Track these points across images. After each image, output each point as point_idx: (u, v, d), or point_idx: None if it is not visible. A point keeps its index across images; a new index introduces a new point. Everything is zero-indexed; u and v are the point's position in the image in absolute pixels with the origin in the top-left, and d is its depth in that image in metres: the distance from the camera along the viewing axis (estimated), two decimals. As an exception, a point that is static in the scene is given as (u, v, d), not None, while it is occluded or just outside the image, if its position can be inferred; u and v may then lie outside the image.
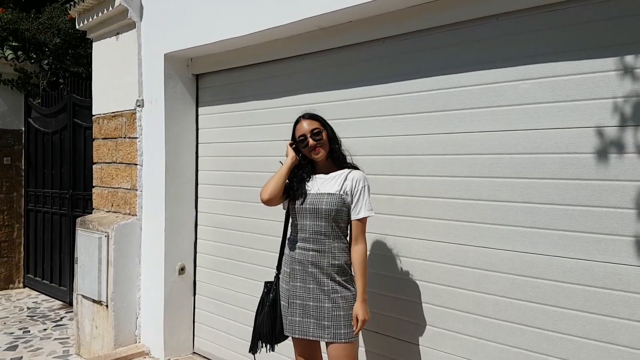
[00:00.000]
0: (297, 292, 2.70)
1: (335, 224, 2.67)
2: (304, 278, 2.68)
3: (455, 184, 2.84)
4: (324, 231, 2.66)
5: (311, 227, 2.68)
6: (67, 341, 5.24)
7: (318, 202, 2.67)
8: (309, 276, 2.67)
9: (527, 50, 2.58)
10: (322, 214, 2.65)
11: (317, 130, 2.71)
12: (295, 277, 2.72)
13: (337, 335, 2.60)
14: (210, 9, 3.90)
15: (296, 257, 2.71)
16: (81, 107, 6.21)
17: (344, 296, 2.63)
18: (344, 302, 2.63)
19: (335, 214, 2.65)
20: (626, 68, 2.28)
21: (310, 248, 2.67)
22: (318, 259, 2.66)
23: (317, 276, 2.65)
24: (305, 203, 2.70)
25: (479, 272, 2.74)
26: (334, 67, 3.46)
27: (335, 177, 2.73)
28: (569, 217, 2.44)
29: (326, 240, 2.66)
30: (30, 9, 7.89)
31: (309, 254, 2.67)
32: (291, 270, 2.74)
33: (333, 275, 2.64)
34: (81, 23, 5.16)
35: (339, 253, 2.67)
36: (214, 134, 4.42)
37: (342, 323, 2.61)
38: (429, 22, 2.91)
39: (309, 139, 2.69)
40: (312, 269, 2.66)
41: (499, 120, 2.67)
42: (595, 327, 2.36)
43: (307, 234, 2.69)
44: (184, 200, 4.50)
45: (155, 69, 4.44)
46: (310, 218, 2.68)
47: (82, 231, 4.91)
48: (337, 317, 2.61)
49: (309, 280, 2.67)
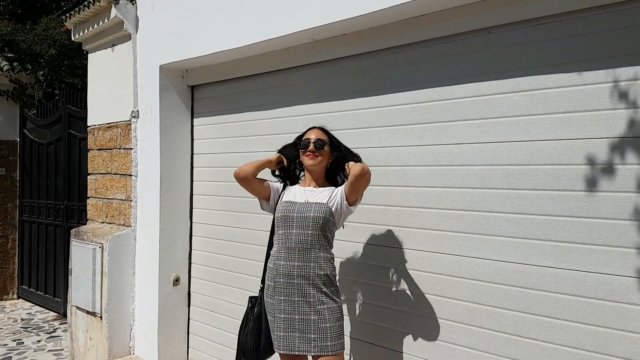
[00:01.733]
0: (281, 306, 2.65)
1: (322, 234, 2.66)
2: (288, 291, 2.64)
3: (448, 194, 2.85)
4: (310, 240, 2.64)
5: (298, 236, 2.66)
6: (61, 353, 5.21)
7: (306, 210, 2.67)
8: (294, 288, 2.63)
9: (519, 62, 2.60)
10: (309, 222, 2.64)
11: (322, 141, 2.76)
12: (278, 290, 2.66)
13: (324, 347, 2.57)
14: (206, 20, 3.93)
15: (281, 269, 2.66)
16: (76, 118, 6.22)
17: (329, 307, 2.61)
18: (330, 314, 2.60)
19: (322, 223, 2.64)
20: (617, 80, 2.31)
21: (296, 258, 2.64)
22: (304, 269, 2.63)
23: (303, 287, 2.61)
24: (293, 212, 2.70)
25: (472, 282, 2.75)
26: (328, 79, 3.48)
27: (325, 190, 2.76)
28: (561, 228, 2.45)
29: (312, 250, 2.64)
30: (26, 20, 7.92)
31: (295, 264, 2.64)
32: (275, 283, 2.68)
33: (319, 285, 2.61)
34: (77, 34, 5.18)
35: (324, 263, 2.65)
36: (209, 145, 4.43)
37: (329, 335, 2.58)
38: (421, 35, 2.94)
39: (311, 143, 2.74)
40: (297, 280, 2.62)
41: (491, 131, 2.69)
42: (589, 338, 2.36)
43: (292, 244, 2.66)
44: (179, 211, 4.50)
45: (150, 80, 4.46)
46: (297, 227, 2.67)
47: (76, 242, 4.90)
48: (323, 330, 2.58)
49: (293, 292, 2.63)
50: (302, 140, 2.80)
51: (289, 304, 2.64)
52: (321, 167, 2.80)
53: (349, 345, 3.28)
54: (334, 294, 2.66)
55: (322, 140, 2.76)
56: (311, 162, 2.75)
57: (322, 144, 2.75)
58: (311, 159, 2.75)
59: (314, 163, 2.75)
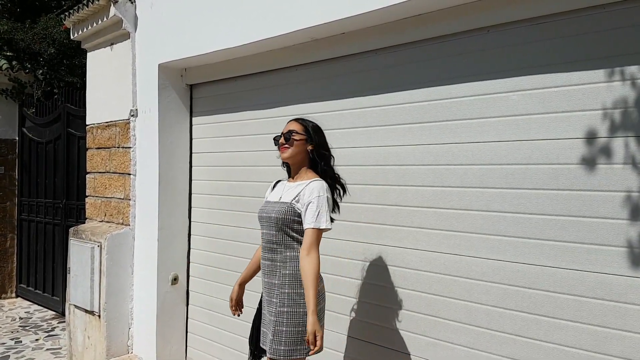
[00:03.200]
0: (263, 302, 2.73)
1: (285, 233, 2.60)
2: (265, 288, 2.69)
3: (447, 194, 2.85)
4: (274, 240, 2.62)
5: (265, 235, 2.67)
6: (59, 352, 5.21)
7: (270, 210, 2.65)
8: (265, 286, 2.68)
9: (517, 62, 2.60)
10: (272, 222, 2.62)
11: (291, 132, 2.67)
12: (263, 286, 2.72)
13: (276, 351, 2.51)
14: (205, 19, 3.92)
15: (262, 267, 2.72)
16: (75, 116, 6.21)
17: (290, 312, 2.52)
18: (289, 319, 2.52)
19: (282, 223, 2.59)
20: (615, 79, 2.31)
21: (266, 257, 2.67)
22: (271, 268, 2.63)
23: (271, 287, 2.63)
24: (262, 211, 2.71)
25: (470, 281, 2.75)
26: (326, 78, 3.48)
27: (299, 185, 2.66)
28: (560, 227, 2.45)
29: (278, 249, 2.62)
30: (25, 19, 7.90)
31: (265, 263, 2.68)
32: (262, 279, 2.75)
33: (283, 286, 2.57)
34: (76, 33, 5.18)
35: (290, 262, 2.60)
36: (208, 144, 4.42)
37: (284, 340, 2.50)
38: (420, 34, 2.93)
39: (281, 136, 2.70)
40: (267, 279, 2.66)
41: (489, 131, 2.69)
42: (587, 338, 2.36)
43: (264, 243, 2.70)
44: (178, 210, 4.50)
45: (149, 79, 4.45)
46: (265, 226, 2.68)
47: (74, 241, 4.89)
48: (279, 332, 2.52)
49: (266, 290, 2.68)
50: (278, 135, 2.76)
51: (265, 300, 2.70)
52: (298, 159, 2.70)
53: (347, 344, 3.28)
54: (299, 297, 2.54)
55: (292, 130, 2.67)
56: (283, 155, 2.70)
57: (291, 134, 2.66)
58: (282, 152, 2.70)
59: (286, 156, 2.69)
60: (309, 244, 2.50)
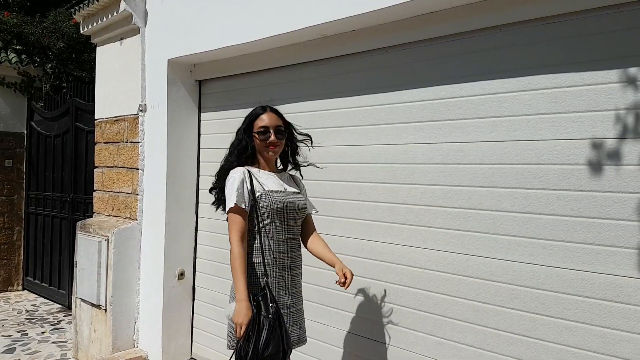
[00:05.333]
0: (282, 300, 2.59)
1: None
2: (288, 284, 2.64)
3: (456, 193, 2.84)
4: (298, 231, 2.73)
5: (294, 226, 2.66)
6: (65, 345, 5.23)
7: (297, 201, 2.65)
8: (294, 279, 2.69)
9: (529, 61, 2.59)
10: (301, 213, 2.71)
11: (281, 128, 2.63)
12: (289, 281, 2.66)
13: (304, 339, 2.65)
14: (215, 15, 3.92)
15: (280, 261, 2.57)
16: (84, 111, 6.23)
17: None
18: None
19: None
20: (628, 80, 2.29)
21: (293, 249, 2.67)
22: (298, 261, 2.71)
23: (298, 278, 2.71)
24: (285, 202, 2.57)
25: (479, 281, 2.74)
26: (336, 75, 3.47)
27: (286, 177, 2.77)
28: (570, 228, 2.43)
29: (297, 239, 2.72)
30: (34, 13, 7.94)
31: (293, 255, 2.67)
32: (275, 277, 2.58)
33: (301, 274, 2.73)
34: (85, 28, 5.19)
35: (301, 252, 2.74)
36: (216, 140, 4.42)
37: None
38: (431, 32, 2.92)
39: (271, 134, 2.59)
40: (295, 271, 2.69)
41: (500, 130, 2.68)
42: (596, 339, 2.35)
43: (290, 235, 2.64)
44: (185, 206, 4.51)
45: (158, 74, 4.46)
46: (293, 217, 2.63)
47: (82, 235, 4.91)
48: (303, 320, 2.69)
49: (292, 284, 2.67)
50: (258, 129, 2.61)
51: (296, 296, 2.62)
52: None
53: (352, 342, 3.28)
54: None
55: (280, 126, 2.63)
56: (272, 154, 2.64)
57: (282, 131, 2.63)
58: (274, 151, 2.63)
59: (277, 153, 2.67)
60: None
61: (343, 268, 2.57)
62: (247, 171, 2.58)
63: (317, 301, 3.48)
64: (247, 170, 2.59)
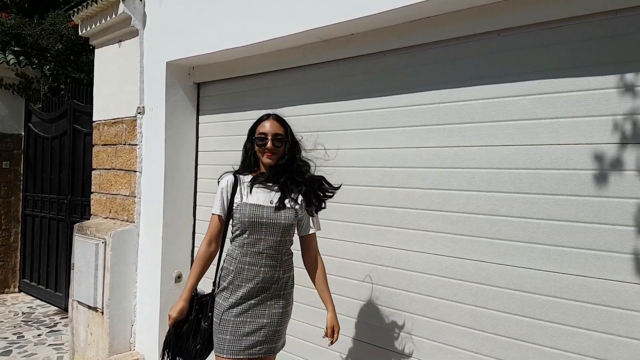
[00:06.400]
0: (241, 308, 2.63)
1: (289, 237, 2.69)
2: (251, 293, 2.63)
3: (454, 197, 2.84)
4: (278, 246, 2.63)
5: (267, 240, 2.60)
6: (62, 347, 5.22)
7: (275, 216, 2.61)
8: (258, 290, 2.64)
9: (528, 66, 2.59)
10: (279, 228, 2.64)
11: (280, 137, 2.61)
12: (239, 293, 2.65)
13: (272, 349, 2.67)
14: (213, 18, 3.92)
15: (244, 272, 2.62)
16: (82, 113, 6.22)
17: (286, 312, 2.72)
18: (286, 317, 2.73)
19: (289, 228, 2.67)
20: (626, 86, 2.30)
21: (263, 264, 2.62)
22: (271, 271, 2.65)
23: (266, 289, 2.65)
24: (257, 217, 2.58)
25: (477, 286, 2.74)
26: (334, 78, 3.47)
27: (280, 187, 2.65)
28: (567, 233, 2.44)
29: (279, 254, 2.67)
30: (33, 14, 7.93)
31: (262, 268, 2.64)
32: (236, 286, 2.65)
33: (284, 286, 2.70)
34: (84, 30, 5.19)
35: (290, 265, 2.75)
36: (214, 143, 4.42)
37: (279, 337, 2.69)
38: (430, 36, 2.93)
39: (269, 141, 2.59)
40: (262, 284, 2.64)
41: (498, 134, 2.68)
42: (592, 344, 2.35)
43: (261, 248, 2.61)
44: (183, 208, 4.50)
45: (156, 76, 4.45)
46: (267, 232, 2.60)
47: (79, 237, 4.90)
48: (284, 329, 2.74)
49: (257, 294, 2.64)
50: (257, 135, 2.62)
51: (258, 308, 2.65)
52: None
53: (351, 347, 3.27)
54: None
55: (280, 135, 2.61)
56: (270, 161, 2.61)
57: (281, 139, 2.61)
58: (270, 157, 2.60)
59: (273, 162, 2.61)
60: None
61: (332, 321, 2.67)
62: (231, 180, 2.66)
63: (315, 305, 3.47)
64: (234, 179, 2.66)
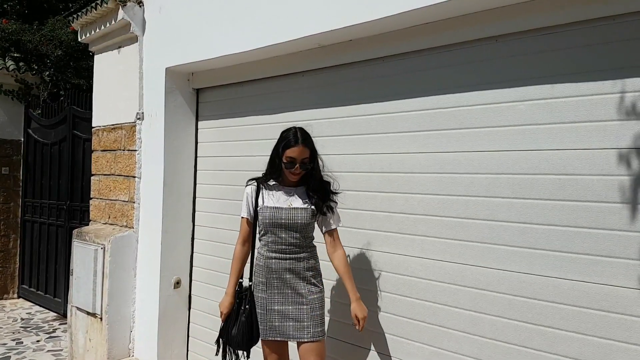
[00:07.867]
0: (274, 299, 2.88)
1: (307, 234, 2.91)
2: (280, 285, 2.87)
3: (452, 202, 2.85)
4: (297, 242, 2.87)
5: (287, 239, 2.87)
6: (60, 353, 5.20)
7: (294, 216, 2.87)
8: (285, 282, 2.86)
9: (526, 71, 2.60)
10: (297, 227, 2.87)
11: (307, 160, 2.86)
12: (272, 285, 2.88)
13: (316, 333, 2.84)
14: (212, 24, 3.93)
15: (272, 266, 2.88)
16: (81, 119, 6.23)
17: (318, 297, 2.89)
18: (319, 303, 2.89)
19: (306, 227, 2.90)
20: (624, 91, 2.30)
21: (286, 258, 2.87)
22: (294, 265, 2.87)
23: (293, 281, 2.86)
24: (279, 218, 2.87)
25: (475, 291, 2.74)
26: (333, 84, 3.48)
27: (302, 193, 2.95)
28: (566, 238, 2.44)
29: (299, 249, 2.89)
30: (32, 20, 7.94)
31: (285, 262, 2.87)
32: (267, 279, 2.90)
33: (308, 277, 2.88)
34: (83, 36, 5.20)
35: (312, 258, 2.94)
36: (213, 148, 4.43)
37: (319, 322, 2.88)
38: (428, 42, 2.94)
39: (297, 165, 2.83)
40: (287, 275, 2.86)
41: (497, 140, 2.68)
42: (592, 350, 2.35)
43: (283, 246, 2.87)
44: (182, 214, 4.50)
45: (156, 82, 4.46)
46: (286, 231, 2.87)
47: (78, 243, 4.89)
48: (316, 317, 2.86)
49: (285, 286, 2.86)
50: (286, 159, 2.84)
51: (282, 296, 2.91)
52: None
53: (349, 351, 3.26)
54: (319, 283, 2.98)
55: (307, 159, 2.86)
56: (295, 178, 2.89)
57: (308, 162, 2.87)
58: (296, 177, 2.89)
59: (296, 179, 2.90)
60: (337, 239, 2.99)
61: (354, 310, 2.84)
62: (254, 187, 3.01)
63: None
64: (257, 186, 3.00)
